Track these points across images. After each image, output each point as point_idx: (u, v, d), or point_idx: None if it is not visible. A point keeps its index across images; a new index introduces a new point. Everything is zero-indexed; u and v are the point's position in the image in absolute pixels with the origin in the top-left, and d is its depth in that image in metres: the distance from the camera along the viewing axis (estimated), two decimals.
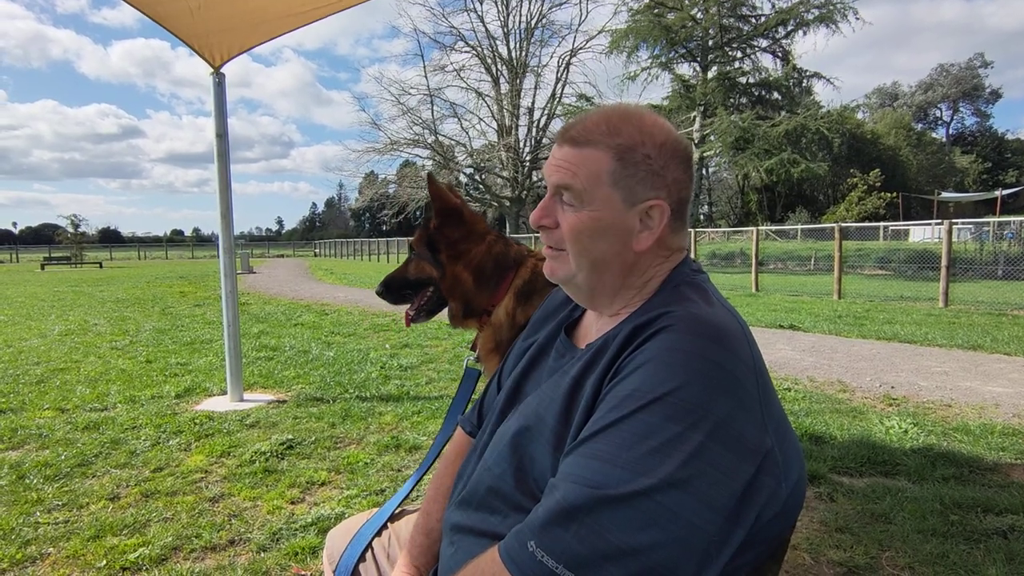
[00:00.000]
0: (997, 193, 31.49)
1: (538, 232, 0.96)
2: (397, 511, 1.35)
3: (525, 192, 31.59)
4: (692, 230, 18.17)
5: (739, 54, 23.91)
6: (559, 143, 0.92)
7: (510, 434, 0.94)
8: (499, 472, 0.93)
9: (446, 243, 1.67)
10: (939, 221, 14.92)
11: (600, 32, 29.29)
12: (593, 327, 0.99)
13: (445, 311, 1.76)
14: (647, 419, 0.74)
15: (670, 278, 0.93)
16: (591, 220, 0.89)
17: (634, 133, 0.89)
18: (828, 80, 23.33)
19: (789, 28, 22.57)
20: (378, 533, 1.28)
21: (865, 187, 38.33)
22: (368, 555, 1.23)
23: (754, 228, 16.61)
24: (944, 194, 37.24)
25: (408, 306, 1.80)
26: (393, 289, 1.80)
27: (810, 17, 21.71)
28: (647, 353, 0.79)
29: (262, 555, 2.34)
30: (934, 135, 57.97)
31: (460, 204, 1.69)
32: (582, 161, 0.88)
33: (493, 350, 1.62)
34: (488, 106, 32.49)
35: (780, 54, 23.55)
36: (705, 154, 23.98)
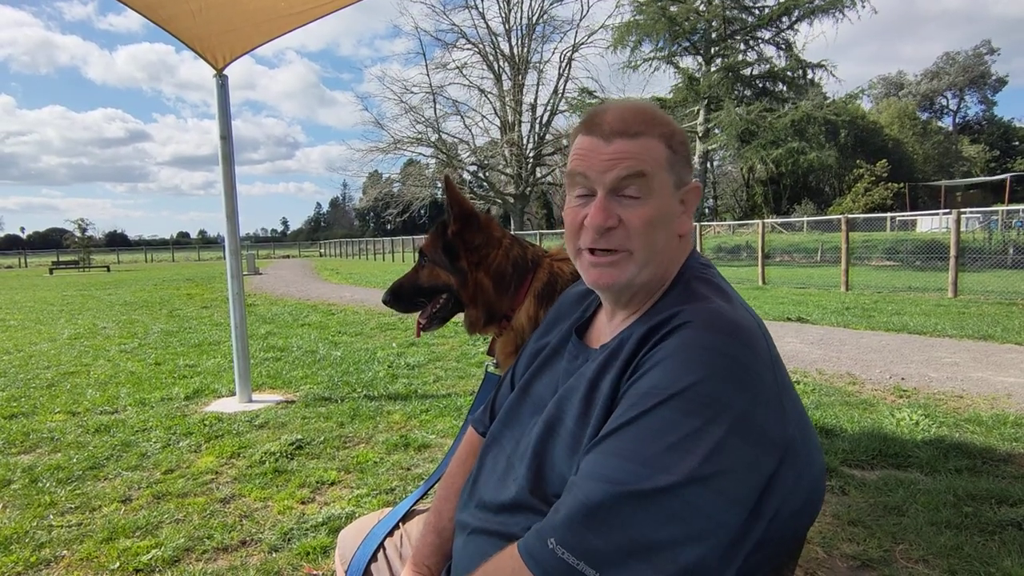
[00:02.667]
0: (1006, 176, 31.14)
1: (595, 236, 0.87)
2: (409, 511, 1.34)
3: (529, 189, 31.55)
4: (698, 224, 18.09)
5: (743, 46, 23.74)
6: (603, 137, 0.87)
7: (532, 440, 0.94)
8: (517, 477, 0.93)
9: (467, 249, 1.59)
10: (947, 211, 14.82)
11: (602, 27, 29.21)
12: (606, 327, 0.99)
13: (457, 316, 1.71)
14: (666, 415, 0.73)
15: (681, 272, 0.93)
16: (658, 209, 0.87)
17: (668, 122, 0.91)
18: (830, 72, 23.11)
19: (794, 18, 22.39)
20: (390, 533, 1.28)
21: (872, 178, 38.05)
22: (380, 555, 1.23)
23: (760, 221, 16.51)
24: (950, 181, 36.87)
25: (418, 314, 1.72)
26: (404, 297, 1.71)
27: (814, 6, 21.54)
28: (664, 350, 0.79)
29: (274, 555, 2.35)
30: (940, 124, 57.49)
31: (474, 208, 1.64)
32: (645, 151, 0.87)
33: (513, 354, 1.57)
34: (491, 103, 32.43)
35: (784, 45, 23.36)
36: (710, 147, 23.86)
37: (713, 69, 23.13)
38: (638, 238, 0.87)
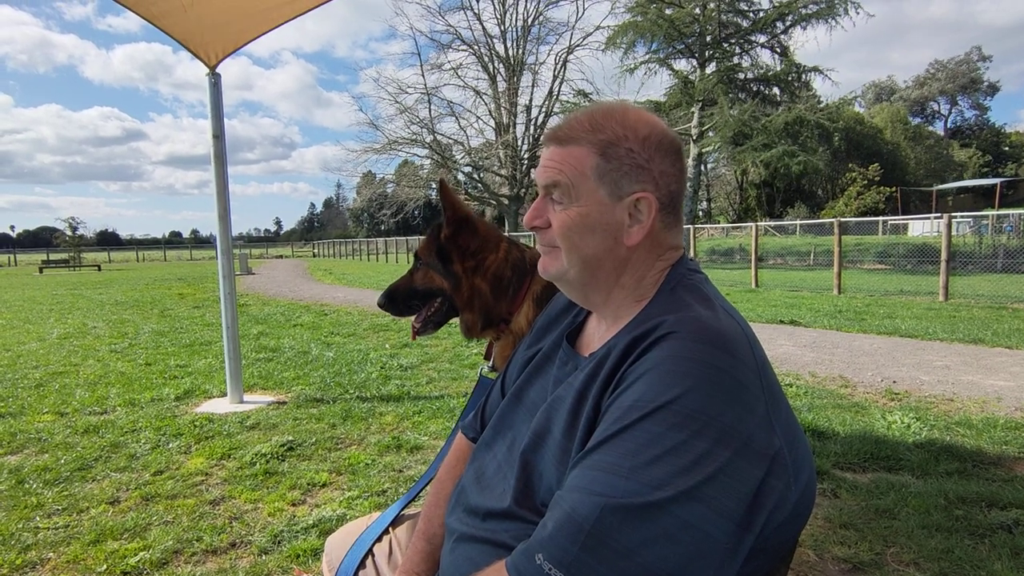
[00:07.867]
0: (996, 181, 31.43)
1: (532, 233, 0.98)
2: (398, 516, 1.33)
3: (523, 190, 31.54)
4: (691, 226, 18.19)
5: (737, 49, 23.85)
6: (546, 144, 0.94)
7: (520, 450, 0.93)
8: (507, 485, 0.92)
9: (460, 253, 1.57)
10: (938, 215, 14.93)
11: (597, 29, 29.35)
12: (596, 335, 0.98)
13: (453, 320, 1.69)
14: (652, 428, 0.72)
15: (667, 280, 0.91)
16: (579, 216, 0.90)
17: (616, 128, 0.89)
18: (825, 75, 23.24)
19: (788, 23, 22.54)
20: (379, 539, 1.26)
21: (864, 182, 38.30)
22: (369, 562, 1.22)
23: (753, 224, 16.59)
24: (942, 186, 37.17)
25: (413, 318, 1.70)
26: (398, 301, 1.69)
27: (809, 12, 21.68)
28: (648, 362, 0.78)
29: (263, 558, 2.33)
30: (931, 128, 57.96)
31: (470, 212, 1.61)
32: (566, 158, 0.90)
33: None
34: (486, 104, 32.46)
35: (779, 50, 23.50)
36: (704, 149, 23.95)
37: (708, 72, 23.22)
38: (560, 240, 0.93)
